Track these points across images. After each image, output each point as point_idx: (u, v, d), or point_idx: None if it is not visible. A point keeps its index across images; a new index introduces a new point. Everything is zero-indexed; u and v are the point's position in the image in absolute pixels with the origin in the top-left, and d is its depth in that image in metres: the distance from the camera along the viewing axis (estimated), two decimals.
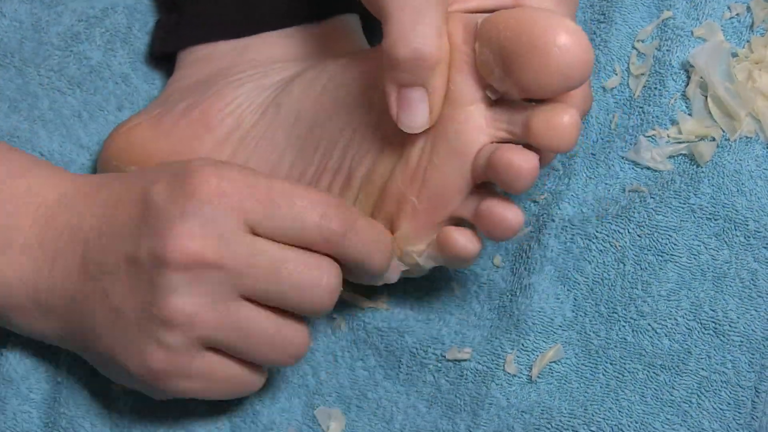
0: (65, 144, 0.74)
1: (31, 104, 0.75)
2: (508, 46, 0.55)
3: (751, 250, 0.62)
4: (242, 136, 0.65)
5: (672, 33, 0.69)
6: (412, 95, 0.57)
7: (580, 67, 0.55)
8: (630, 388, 0.60)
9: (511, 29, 0.55)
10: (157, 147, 0.67)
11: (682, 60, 0.68)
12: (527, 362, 0.61)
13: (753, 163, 0.64)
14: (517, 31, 0.55)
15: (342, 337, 0.65)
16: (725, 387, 0.59)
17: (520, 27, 0.55)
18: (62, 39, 0.76)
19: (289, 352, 0.58)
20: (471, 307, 0.65)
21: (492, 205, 0.58)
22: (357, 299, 0.65)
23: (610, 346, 0.61)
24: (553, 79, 0.55)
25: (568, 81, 0.55)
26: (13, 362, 0.66)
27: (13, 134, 0.74)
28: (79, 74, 0.75)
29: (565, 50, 0.54)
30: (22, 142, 0.74)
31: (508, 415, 0.60)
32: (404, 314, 0.65)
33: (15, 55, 0.76)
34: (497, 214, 0.58)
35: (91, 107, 0.75)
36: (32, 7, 0.77)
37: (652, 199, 0.64)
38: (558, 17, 0.55)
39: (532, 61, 0.55)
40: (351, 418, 0.62)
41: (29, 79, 0.75)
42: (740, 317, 0.61)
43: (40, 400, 0.65)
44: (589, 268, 0.63)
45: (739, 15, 0.69)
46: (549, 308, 0.62)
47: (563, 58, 0.54)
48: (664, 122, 0.67)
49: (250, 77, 0.67)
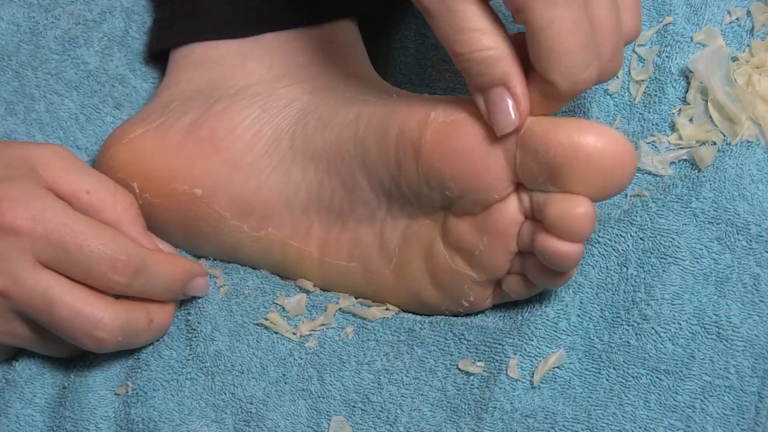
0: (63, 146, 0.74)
1: (28, 107, 0.75)
2: (560, 162, 0.56)
3: (753, 255, 0.62)
4: (253, 163, 0.65)
5: (672, 39, 0.69)
6: (492, 96, 0.57)
7: (631, 175, 0.57)
8: (633, 393, 0.60)
9: (561, 146, 0.56)
10: (164, 163, 0.67)
11: (682, 66, 0.68)
12: (530, 367, 0.62)
13: (754, 168, 0.64)
14: (570, 149, 0.56)
15: (349, 342, 0.65)
16: (729, 392, 0.59)
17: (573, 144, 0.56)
18: (59, 43, 0.76)
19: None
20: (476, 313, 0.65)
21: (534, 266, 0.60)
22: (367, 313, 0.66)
23: (614, 350, 0.61)
24: (607, 192, 0.57)
25: (620, 189, 0.57)
26: (18, 367, 0.66)
27: (10, 136, 0.74)
28: (77, 78, 0.75)
29: (619, 165, 0.56)
30: None
31: (512, 419, 0.60)
32: (412, 322, 0.65)
33: (12, 58, 0.76)
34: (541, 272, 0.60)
35: (88, 110, 0.75)
36: (30, 11, 0.77)
37: (654, 203, 0.64)
38: (606, 129, 0.56)
39: (589, 179, 0.56)
40: (355, 421, 0.62)
41: (26, 82, 0.75)
42: (743, 322, 0.61)
43: (44, 404, 0.65)
44: (593, 273, 0.63)
45: (739, 19, 0.69)
46: (553, 312, 0.63)
47: (618, 173, 0.56)
48: (663, 129, 0.67)
49: (256, 97, 0.67)
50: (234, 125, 0.66)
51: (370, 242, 0.64)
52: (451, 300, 0.64)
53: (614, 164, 0.56)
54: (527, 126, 0.57)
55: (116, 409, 0.64)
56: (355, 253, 0.65)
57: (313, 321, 0.66)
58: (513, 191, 0.59)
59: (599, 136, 0.56)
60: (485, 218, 0.60)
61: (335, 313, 0.66)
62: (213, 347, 0.65)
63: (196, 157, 0.66)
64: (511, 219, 0.59)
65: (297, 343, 0.65)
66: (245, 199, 0.66)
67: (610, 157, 0.56)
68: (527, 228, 0.59)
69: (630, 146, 0.56)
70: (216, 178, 0.66)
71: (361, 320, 0.66)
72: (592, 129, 0.56)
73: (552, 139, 0.56)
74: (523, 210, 0.59)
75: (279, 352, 0.65)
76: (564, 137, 0.56)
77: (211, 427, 0.63)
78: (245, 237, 0.67)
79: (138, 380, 0.65)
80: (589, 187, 0.56)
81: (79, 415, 0.64)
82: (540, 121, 0.57)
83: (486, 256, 0.61)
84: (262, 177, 0.65)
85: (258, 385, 0.64)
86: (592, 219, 0.57)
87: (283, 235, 0.66)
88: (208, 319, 0.66)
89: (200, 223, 0.67)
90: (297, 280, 0.68)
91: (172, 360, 0.65)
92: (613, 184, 0.57)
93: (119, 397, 0.65)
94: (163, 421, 0.63)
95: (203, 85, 0.69)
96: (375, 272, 0.65)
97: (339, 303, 0.66)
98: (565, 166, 0.56)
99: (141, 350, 0.66)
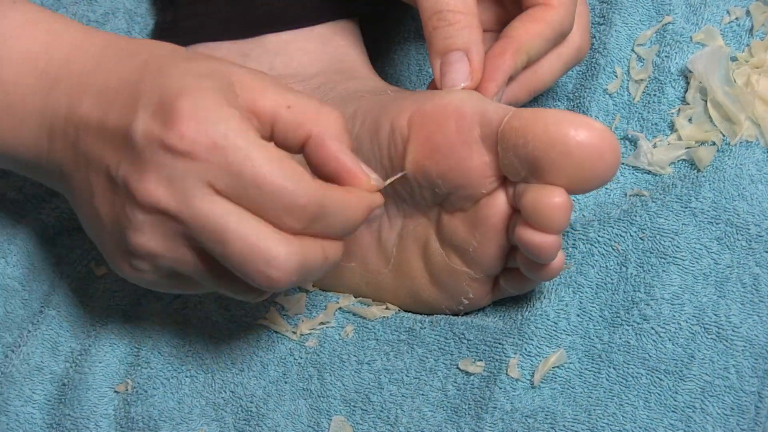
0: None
1: None
2: (538, 156, 0.56)
3: (752, 255, 0.62)
4: None
5: (671, 39, 0.69)
6: (450, 58, 0.59)
7: (613, 169, 0.57)
8: (633, 393, 0.60)
9: (539, 140, 0.56)
10: None
11: (681, 66, 0.68)
12: (531, 367, 0.62)
13: (753, 168, 0.64)
14: (547, 143, 0.56)
15: (349, 342, 0.65)
16: (728, 392, 0.59)
17: (550, 138, 0.56)
18: None
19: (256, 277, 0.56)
20: (476, 312, 0.65)
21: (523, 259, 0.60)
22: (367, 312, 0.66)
23: (614, 350, 0.61)
24: (588, 186, 0.57)
25: (601, 183, 0.57)
26: (17, 363, 0.66)
27: None
28: None
29: (598, 158, 0.56)
30: None
31: (512, 419, 0.60)
32: (412, 321, 0.65)
33: None
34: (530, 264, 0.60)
35: None
36: None
37: (654, 203, 0.64)
38: (584, 120, 0.56)
39: (568, 172, 0.56)
40: (355, 421, 0.62)
41: None
42: (743, 322, 0.61)
43: (43, 401, 0.65)
44: (592, 272, 0.63)
45: (739, 19, 0.69)
46: (553, 312, 0.63)
47: (598, 166, 0.56)
48: (663, 129, 0.67)
49: None
50: None
51: (367, 243, 0.65)
52: (451, 298, 0.64)
53: (593, 157, 0.56)
54: (507, 121, 0.57)
55: (116, 407, 0.64)
56: (354, 253, 0.65)
57: (312, 319, 0.66)
58: (500, 185, 0.59)
59: (578, 129, 0.55)
60: (475, 213, 0.60)
61: (335, 312, 0.66)
62: (213, 345, 0.65)
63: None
64: (500, 213, 0.60)
65: (297, 342, 0.65)
66: None
67: (589, 150, 0.56)
68: (514, 220, 0.60)
69: (612, 139, 0.56)
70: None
71: (361, 319, 0.66)
72: (570, 121, 0.56)
73: (530, 132, 0.56)
74: (510, 202, 0.60)
75: (279, 351, 0.65)
76: (541, 130, 0.56)
77: (211, 425, 0.63)
78: None
79: (138, 378, 0.65)
80: (567, 179, 0.56)
81: (78, 413, 0.64)
82: (519, 114, 0.57)
83: (479, 252, 0.61)
84: None
85: (258, 383, 0.64)
86: (567, 210, 0.57)
87: None
88: (207, 318, 0.66)
89: None
90: None
91: (173, 357, 0.65)
92: (594, 177, 0.56)
93: (119, 394, 0.65)
94: (163, 419, 0.64)
95: None
96: (374, 272, 0.65)
97: (339, 302, 0.66)
98: (543, 160, 0.56)
99: (141, 347, 0.66)
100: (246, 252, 0.54)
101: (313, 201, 0.55)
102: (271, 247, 0.54)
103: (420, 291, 0.64)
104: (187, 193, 0.54)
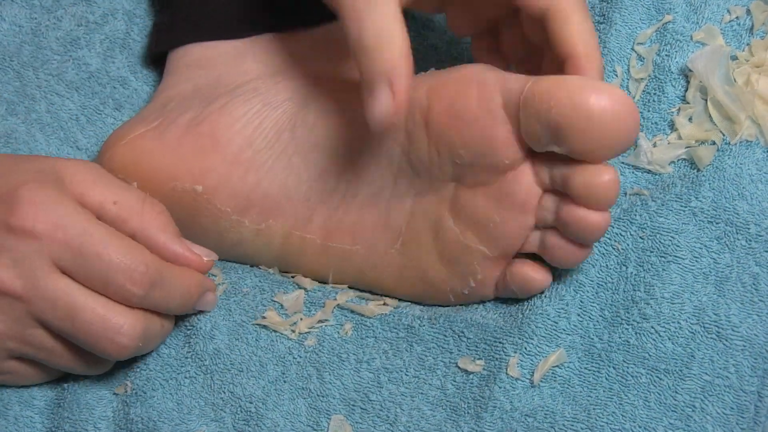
0: (63, 147, 0.74)
1: (29, 107, 0.75)
2: (561, 122, 0.57)
3: (752, 254, 0.62)
4: (253, 157, 0.65)
5: (671, 38, 0.69)
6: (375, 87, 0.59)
7: (633, 134, 0.57)
8: (633, 392, 0.60)
9: (562, 105, 0.57)
10: (164, 161, 0.67)
11: (681, 65, 0.68)
12: (530, 366, 0.62)
13: (753, 167, 0.64)
14: (570, 108, 0.56)
15: (348, 340, 0.65)
16: (728, 391, 0.59)
17: (573, 103, 0.56)
18: (61, 44, 0.76)
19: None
20: (476, 310, 0.65)
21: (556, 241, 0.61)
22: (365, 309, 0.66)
23: (613, 349, 0.61)
24: (610, 152, 0.58)
25: (622, 149, 0.58)
26: None
27: (10, 136, 0.74)
28: (78, 79, 0.75)
29: (620, 123, 0.57)
30: (19, 145, 0.74)
31: (512, 418, 0.60)
32: (411, 318, 0.65)
33: (14, 58, 0.76)
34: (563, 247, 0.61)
35: (89, 111, 0.75)
36: (32, 12, 0.77)
37: (654, 202, 0.64)
38: (605, 86, 0.57)
39: (590, 136, 0.57)
40: (355, 420, 0.62)
41: (27, 82, 0.75)
42: (743, 321, 0.61)
43: (42, 405, 0.65)
44: (593, 271, 0.63)
45: (739, 18, 0.69)
46: (553, 311, 0.63)
47: (620, 131, 0.57)
48: (663, 128, 0.67)
49: (255, 92, 0.67)
50: (234, 121, 0.66)
51: (374, 223, 0.65)
52: (458, 278, 0.64)
53: (615, 122, 0.56)
54: (529, 87, 0.58)
55: (115, 409, 0.64)
56: (360, 235, 0.65)
57: (311, 318, 0.66)
58: (525, 159, 0.60)
59: (599, 94, 0.56)
60: (500, 188, 0.60)
61: (333, 310, 0.66)
62: (212, 346, 0.65)
63: (196, 155, 0.66)
64: (527, 190, 0.60)
65: (296, 342, 0.65)
66: (245, 194, 0.66)
67: (611, 116, 0.56)
68: (549, 202, 0.60)
69: (632, 104, 0.57)
70: (216, 175, 0.66)
71: (360, 317, 0.66)
72: (592, 88, 0.56)
73: (552, 98, 0.57)
74: (540, 183, 0.60)
75: (278, 351, 0.65)
76: (564, 96, 0.57)
77: (210, 426, 0.63)
78: (246, 231, 0.67)
79: (137, 379, 0.65)
80: (590, 145, 0.57)
81: (77, 415, 0.64)
82: (541, 81, 0.58)
83: (501, 229, 0.61)
84: (261, 170, 0.65)
85: (257, 383, 0.64)
86: (617, 185, 0.58)
87: (285, 225, 0.66)
88: (206, 318, 0.66)
89: (202, 220, 0.67)
90: (295, 276, 0.68)
91: (171, 359, 0.65)
92: (616, 143, 0.57)
93: (118, 396, 0.65)
94: (162, 420, 0.63)
95: (201, 84, 0.69)
96: (380, 254, 0.65)
97: (337, 299, 0.66)
98: (566, 126, 0.57)
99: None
100: (96, 322, 0.60)
101: (152, 267, 0.60)
102: (118, 316, 0.60)
103: (428, 269, 0.64)
104: (34, 273, 0.59)
